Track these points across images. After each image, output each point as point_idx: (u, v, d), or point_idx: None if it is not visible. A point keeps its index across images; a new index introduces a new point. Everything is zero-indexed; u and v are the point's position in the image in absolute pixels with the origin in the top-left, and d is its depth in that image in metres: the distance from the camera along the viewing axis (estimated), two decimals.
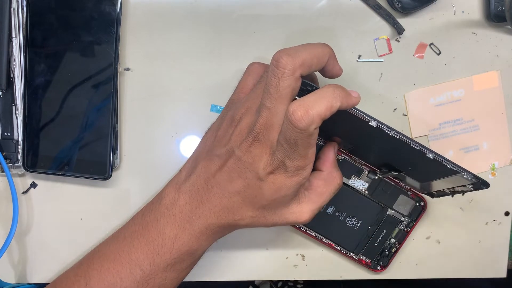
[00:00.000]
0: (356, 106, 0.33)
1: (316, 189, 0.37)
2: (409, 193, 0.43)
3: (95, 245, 0.44)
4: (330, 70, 0.35)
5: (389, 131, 0.34)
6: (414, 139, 0.36)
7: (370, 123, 0.33)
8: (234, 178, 0.34)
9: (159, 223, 0.36)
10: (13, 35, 0.40)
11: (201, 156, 0.37)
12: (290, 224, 0.37)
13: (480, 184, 0.34)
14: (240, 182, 0.34)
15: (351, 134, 0.39)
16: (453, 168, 0.34)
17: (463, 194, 0.37)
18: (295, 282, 0.67)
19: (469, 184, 0.35)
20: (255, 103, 0.34)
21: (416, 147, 0.34)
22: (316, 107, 0.30)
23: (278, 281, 0.67)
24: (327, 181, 0.37)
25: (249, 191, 0.34)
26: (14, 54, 0.41)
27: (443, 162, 0.34)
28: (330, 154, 0.38)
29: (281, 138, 0.32)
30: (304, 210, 0.36)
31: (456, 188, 0.36)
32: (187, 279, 0.45)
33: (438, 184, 0.37)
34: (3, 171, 0.42)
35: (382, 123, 0.33)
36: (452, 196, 0.38)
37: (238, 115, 0.35)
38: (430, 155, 0.34)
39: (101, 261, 0.38)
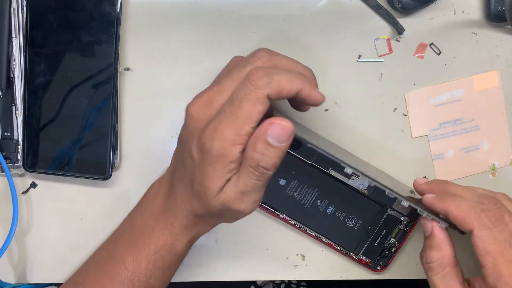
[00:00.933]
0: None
1: (238, 171, 0.32)
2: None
3: (95, 245, 0.44)
4: (306, 98, 0.32)
5: (364, 184, 0.36)
6: (390, 186, 0.37)
7: (345, 170, 0.34)
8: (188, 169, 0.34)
9: (141, 217, 0.37)
10: (13, 35, 0.40)
11: (176, 150, 0.37)
12: (229, 213, 0.34)
13: (451, 229, 0.37)
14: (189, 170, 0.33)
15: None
16: (428, 216, 0.36)
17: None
18: (298, 282, 0.67)
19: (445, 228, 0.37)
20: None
21: (391, 196, 0.37)
22: (281, 76, 0.30)
23: (281, 282, 0.67)
24: (244, 160, 0.32)
25: (186, 174, 0.33)
26: (14, 54, 0.41)
27: (418, 211, 0.37)
28: (259, 129, 0.31)
29: (227, 103, 0.31)
30: (229, 193, 0.32)
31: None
32: (187, 279, 0.45)
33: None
34: (3, 171, 0.42)
35: (357, 171, 0.34)
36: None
37: None
38: (405, 204, 0.36)
39: (95, 265, 0.38)
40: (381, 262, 0.44)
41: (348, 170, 0.34)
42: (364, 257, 0.44)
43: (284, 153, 0.31)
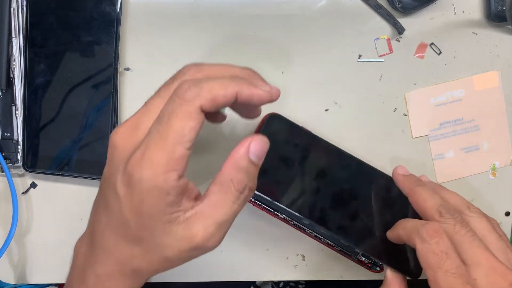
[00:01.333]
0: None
1: (209, 197, 0.28)
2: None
3: None
4: (251, 98, 0.29)
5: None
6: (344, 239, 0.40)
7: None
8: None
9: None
10: (13, 35, 0.40)
11: (97, 195, 0.32)
12: (192, 253, 0.29)
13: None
14: (102, 211, 0.29)
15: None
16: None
17: None
18: (297, 282, 0.67)
19: None
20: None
21: (345, 251, 0.41)
22: (211, 83, 0.27)
23: (280, 281, 0.67)
24: (223, 186, 0.28)
25: (113, 218, 0.28)
26: (14, 54, 0.41)
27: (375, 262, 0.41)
28: (238, 149, 0.28)
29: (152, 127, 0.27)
30: (194, 229, 0.27)
31: None
32: (187, 279, 0.45)
33: None
34: (3, 171, 0.42)
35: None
36: None
37: None
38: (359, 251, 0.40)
39: None
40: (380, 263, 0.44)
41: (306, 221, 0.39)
42: (363, 258, 0.44)
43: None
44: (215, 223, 0.28)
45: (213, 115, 0.32)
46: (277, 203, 0.38)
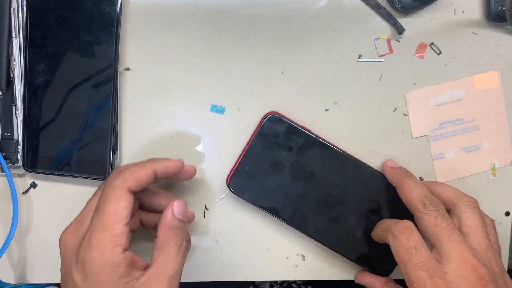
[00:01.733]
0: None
1: (155, 261, 0.33)
2: None
3: None
4: (168, 170, 0.36)
5: None
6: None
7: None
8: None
9: None
10: (13, 35, 0.40)
11: None
12: None
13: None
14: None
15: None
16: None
17: None
18: (295, 281, 0.67)
19: None
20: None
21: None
22: (130, 168, 0.33)
23: (279, 281, 0.67)
24: (163, 247, 0.33)
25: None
26: (14, 54, 0.41)
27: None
28: (165, 214, 0.34)
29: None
30: None
31: None
32: (187, 279, 0.45)
33: None
34: (3, 171, 0.42)
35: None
36: None
37: None
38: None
39: None
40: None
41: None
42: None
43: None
44: (167, 279, 0.32)
45: (176, 175, 0.38)
46: (267, 211, 0.42)
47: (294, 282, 0.64)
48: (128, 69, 0.43)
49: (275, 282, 0.66)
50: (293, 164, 0.42)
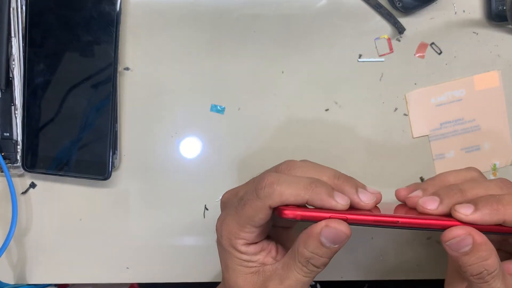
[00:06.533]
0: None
1: (283, 258, 0.32)
2: None
3: (94, 246, 0.44)
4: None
5: None
6: None
7: None
8: None
9: None
10: (12, 34, 0.40)
11: None
12: None
13: None
14: None
15: None
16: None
17: None
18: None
19: None
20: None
21: None
22: (284, 187, 0.29)
23: None
24: (292, 251, 0.31)
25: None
26: (13, 53, 0.41)
27: None
28: (312, 227, 0.30)
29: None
30: (269, 285, 0.32)
31: None
32: (187, 279, 0.45)
33: None
34: (2, 172, 0.41)
35: None
36: None
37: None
38: None
39: None
40: None
41: None
42: None
43: (336, 252, 0.30)
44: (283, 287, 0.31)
45: None
46: None
47: None
48: (127, 68, 0.42)
49: None
50: None
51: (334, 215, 0.29)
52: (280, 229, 0.35)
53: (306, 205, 0.30)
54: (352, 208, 0.31)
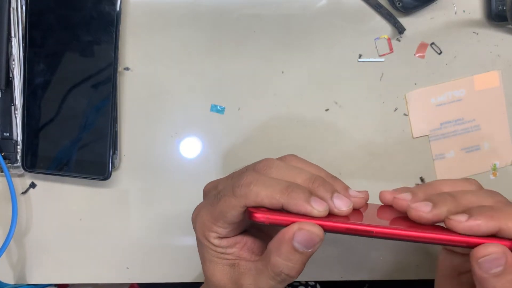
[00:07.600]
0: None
1: (261, 258, 0.31)
2: None
3: (94, 245, 0.44)
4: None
5: None
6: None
7: None
8: None
9: None
10: (12, 34, 0.40)
11: None
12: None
13: None
14: None
15: None
16: None
17: None
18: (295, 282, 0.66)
19: None
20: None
21: None
22: (261, 188, 0.28)
23: None
24: (265, 256, 0.30)
25: None
26: (13, 53, 0.41)
27: None
28: (284, 232, 0.28)
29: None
30: (244, 282, 0.31)
31: None
32: (187, 279, 0.45)
33: None
34: (2, 172, 0.41)
35: None
36: None
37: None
38: None
39: None
40: None
41: None
42: None
43: (309, 258, 0.29)
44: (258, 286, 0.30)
45: None
46: None
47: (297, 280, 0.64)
48: (127, 68, 0.42)
49: None
50: None
51: (303, 220, 0.28)
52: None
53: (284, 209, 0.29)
54: (330, 214, 0.29)
